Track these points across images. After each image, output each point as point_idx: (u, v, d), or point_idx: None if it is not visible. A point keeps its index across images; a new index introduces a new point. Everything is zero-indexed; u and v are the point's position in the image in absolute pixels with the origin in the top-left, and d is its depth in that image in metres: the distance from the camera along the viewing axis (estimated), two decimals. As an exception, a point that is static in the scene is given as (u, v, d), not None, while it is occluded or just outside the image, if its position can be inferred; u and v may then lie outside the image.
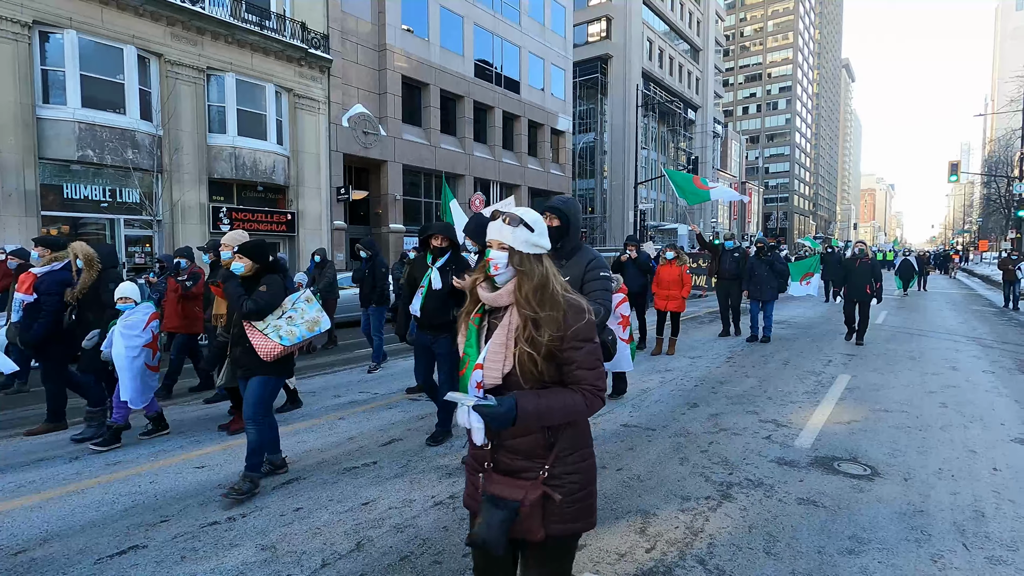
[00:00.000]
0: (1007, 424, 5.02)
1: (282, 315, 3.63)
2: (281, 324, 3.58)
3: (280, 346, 3.51)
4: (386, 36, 20.57)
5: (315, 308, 3.79)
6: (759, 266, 9.43)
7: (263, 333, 3.52)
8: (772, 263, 9.44)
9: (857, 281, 9.18)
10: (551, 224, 2.73)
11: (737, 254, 9.94)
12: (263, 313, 3.54)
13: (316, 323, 3.72)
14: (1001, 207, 48.05)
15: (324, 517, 3.28)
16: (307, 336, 3.67)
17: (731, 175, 61.65)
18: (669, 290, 8.46)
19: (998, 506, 3.40)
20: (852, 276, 9.30)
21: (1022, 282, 15.40)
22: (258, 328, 3.53)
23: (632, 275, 8.40)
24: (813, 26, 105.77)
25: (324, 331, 3.81)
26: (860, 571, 2.69)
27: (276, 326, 3.56)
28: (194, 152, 14.48)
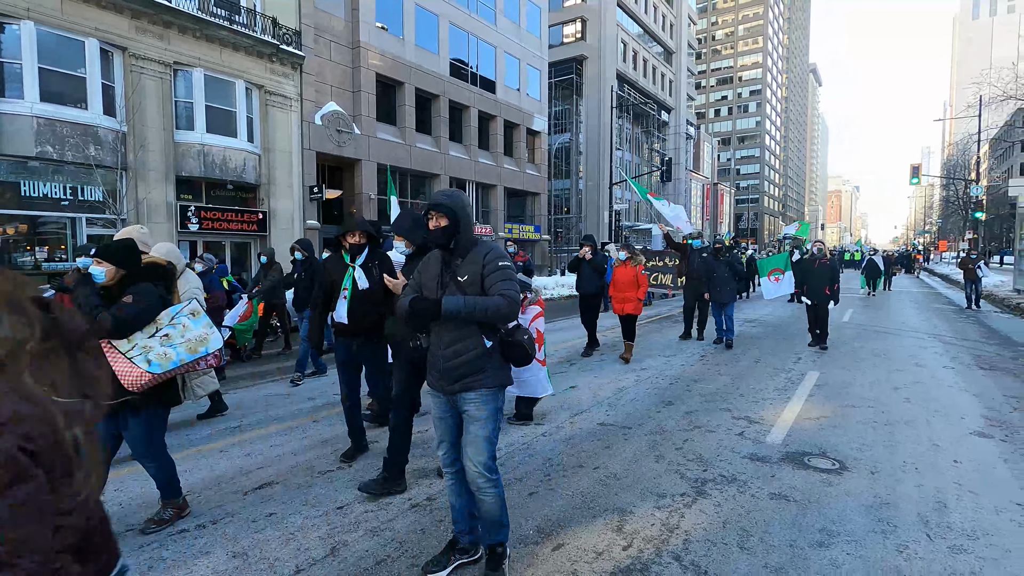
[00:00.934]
0: (967, 418, 5.21)
1: (155, 333, 2.95)
2: (152, 345, 2.89)
3: (148, 374, 2.81)
4: (360, 33, 20.33)
5: (202, 324, 3.14)
6: (718, 267, 9.19)
7: (127, 357, 2.82)
8: (732, 264, 9.22)
9: (815, 283, 8.75)
10: (438, 224, 2.53)
11: (705, 254, 9.74)
12: (125, 330, 2.85)
13: (202, 342, 3.06)
14: (959, 208, 49.92)
15: (298, 522, 3.21)
16: (188, 359, 3.00)
17: (703, 176, 62.72)
18: (625, 292, 7.92)
19: (959, 497, 3.52)
20: (810, 278, 8.86)
21: (983, 281, 15.51)
22: (120, 350, 2.83)
23: (587, 276, 8.30)
24: (782, 31, 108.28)
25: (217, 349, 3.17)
26: (830, 563, 2.76)
27: (145, 347, 2.87)
28: (161, 149, 14.08)
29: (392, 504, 3.42)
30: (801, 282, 9.09)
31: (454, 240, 2.56)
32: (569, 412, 5.41)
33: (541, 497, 3.51)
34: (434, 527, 3.12)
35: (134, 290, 2.92)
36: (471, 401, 2.52)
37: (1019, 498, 3.50)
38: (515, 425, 5.00)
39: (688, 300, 10.13)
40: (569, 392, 6.20)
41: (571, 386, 6.48)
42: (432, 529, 3.10)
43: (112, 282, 2.92)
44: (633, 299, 7.88)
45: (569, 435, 4.72)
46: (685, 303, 10.29)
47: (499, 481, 2.58)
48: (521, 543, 2.95)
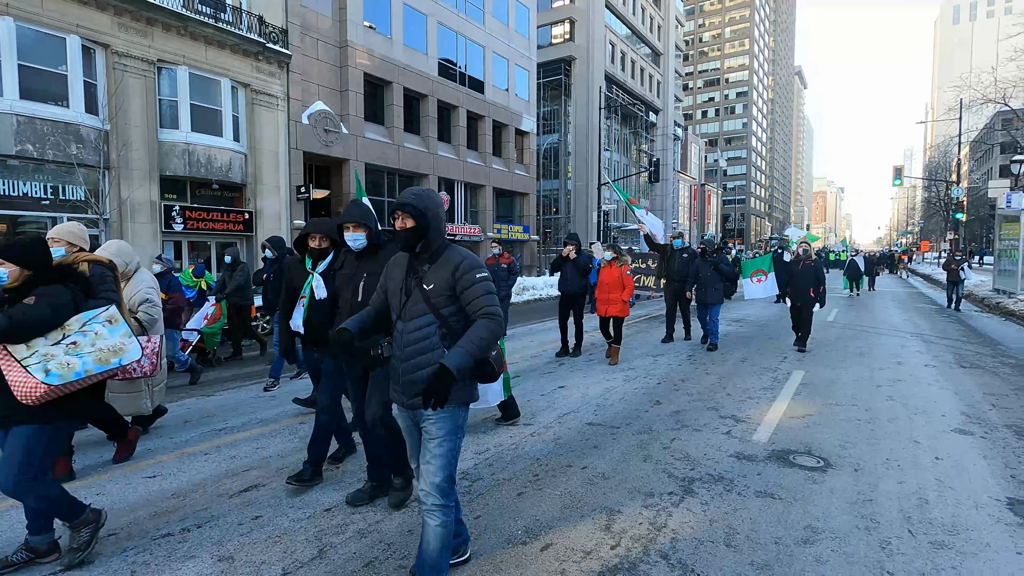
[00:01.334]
0: (947, 415, 5.31)
1: (61, 340, 2.63)
2: (55, 353, 2.58)
3: (44, 385, 2.49)
4: (347, 32, 20.22)
5: (119, 332, 2.81)
6: (703, 267, 8.98)
7: (22, 365, 2.52)
8: (717, 264, 8.98)
9: (800, 284, 8.62)
10: (404, 225, 2.33)
11: (686, 255, 9.55)
12: (19, 335, 2.52)
13: (117, 352, 2.77)
14: (941, 209, 50.84)
15: (284, 524, 3.19)
16: (97, 371, 2.68)
17: (691, 177, 63.18)
18: (610, 293, 7.75)
19: (940, 493, 3.58)
20: (794, 279, 8.74)
21: (965, 283, 15.48)
22: (17, 357, 2.53)
23: (570, 276, 8.14)
24: (768, 34, 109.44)
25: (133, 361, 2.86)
26: (815, 560, 2.79)
27: (47, 355, 2.56)
28: (144, 148, 13.89)
29: (380, 506, 3.40)
30: (786, 284, 8.87)
31: (421, 243, 2.37)
32: (558, 412, 5.42)
33: (529, 497, 3.52)
34: (421, 528, 3.10)
35: (40, 291, 2.60)
36: (429, 418, 2.35)
37: (997, 494, 3.57)
38: (504, 426, 5.01)
39: (668, 302, 9.95)
40: (558, 392, 6.22)
41: (560, 386, 6.49)
42: (420, 530, 3.08)
43: (16, 283, 2.58)
44: (618, 301, 7.69)
45: (557, 435, 4.73)
46: (666, 305, 10.12)
47: (451, 509, 2.38)
48: (509, 544, 2.95)
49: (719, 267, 8.88)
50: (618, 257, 7.88)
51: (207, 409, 5.71)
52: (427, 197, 2.40)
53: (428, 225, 2.35)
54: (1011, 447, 4.42)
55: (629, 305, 8.10)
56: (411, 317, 2.37)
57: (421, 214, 2.33)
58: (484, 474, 3.89)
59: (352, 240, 3.23)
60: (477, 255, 10.10)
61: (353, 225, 3.23)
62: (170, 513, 3.34)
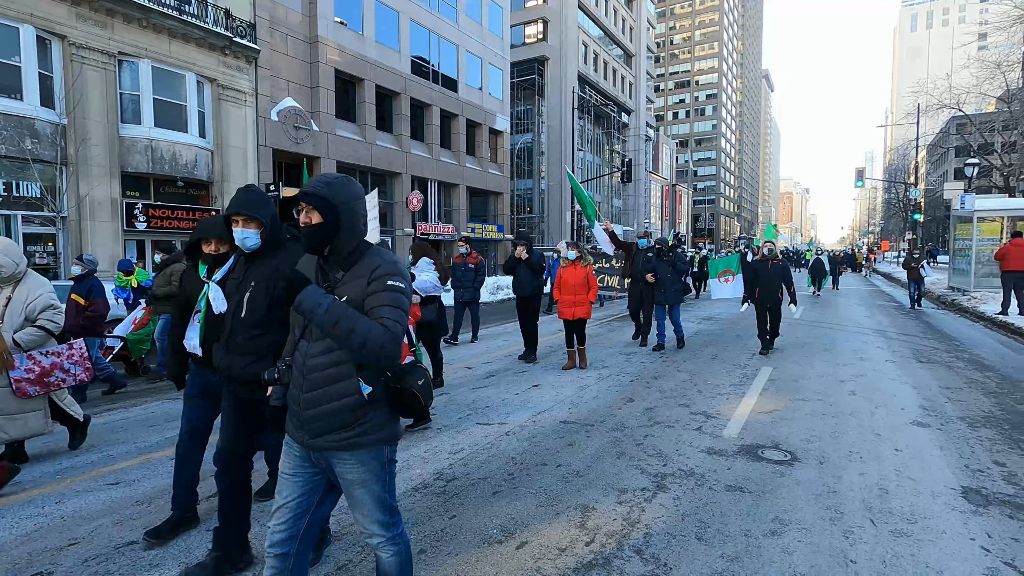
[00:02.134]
0: (907, 409, 5.51)
1: None
2: None
3: None
4: (318, 28, 19.90)
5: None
6: (661, 267, 8.63)
7: None
8: (674, 263, 8.65)
9: (768, 285, 8.29)
10: (308, 221, 1.87)
11: (651, 254, 9.19)
12: None
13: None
14: (900, 210, 52.81)
15: (255, 529, 3.11)
16: None
17: (662, 177, 64.12)
18: (575, 295, 7.23)
19: (899, 483, 3.72)
20: (762, 280, 8.40)
21: (925, 280, 15.59)
22: None
23: (523, 278, 7.83)
24: (736, 37, 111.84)
25: None
26: (782, 551, 2.87)
27: None
28: (104, 143, 13.43)
29: (353, 508, 3.36)
30: (753, 284, 8.59)
31: (329, 245, 1.90)
32: (532, 411, 5.44)
33: (505, 496, 3.52)
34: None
35: None
36: (344, 463, 1.92)
37: (953, 483, 3.72)
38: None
39: (632, 302, 9.75)
40: (532, 391, 6.24)
41: (534, 385, 6.52)
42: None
43: None
44: (584, 302, 7.27)
45: (532, 433, 4.75)
46: (629, 305, 9.91)
47: (401, 535, 2.04)
48: (485, 543, 2.95)
49: (676, 266, 8.65)
50: (582, 256, 7.47)
51: (173, 413, 5.55)
52: (341, 187, 1.93)
53: (339, 223, 1.89)
54: (965, 438, 4.62)
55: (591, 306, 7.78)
56: (319, 337, 1.87)
57: (330, 208, 1.87)
58: (459, 473, 3.88)
59: (240, 238, 2.49)
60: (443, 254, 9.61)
61: (242, 219, 2.48)
62: (134, 520, 3.24)
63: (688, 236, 77.03)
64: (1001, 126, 27.70)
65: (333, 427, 1.87)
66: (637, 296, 9.52)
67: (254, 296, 2.51)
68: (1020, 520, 3.20)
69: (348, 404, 1.87)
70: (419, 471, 3.93)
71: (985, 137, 29.83)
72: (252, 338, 2.50)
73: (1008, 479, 3.78)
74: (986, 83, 23.99)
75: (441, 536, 3.02)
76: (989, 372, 7.17)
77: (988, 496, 3.52)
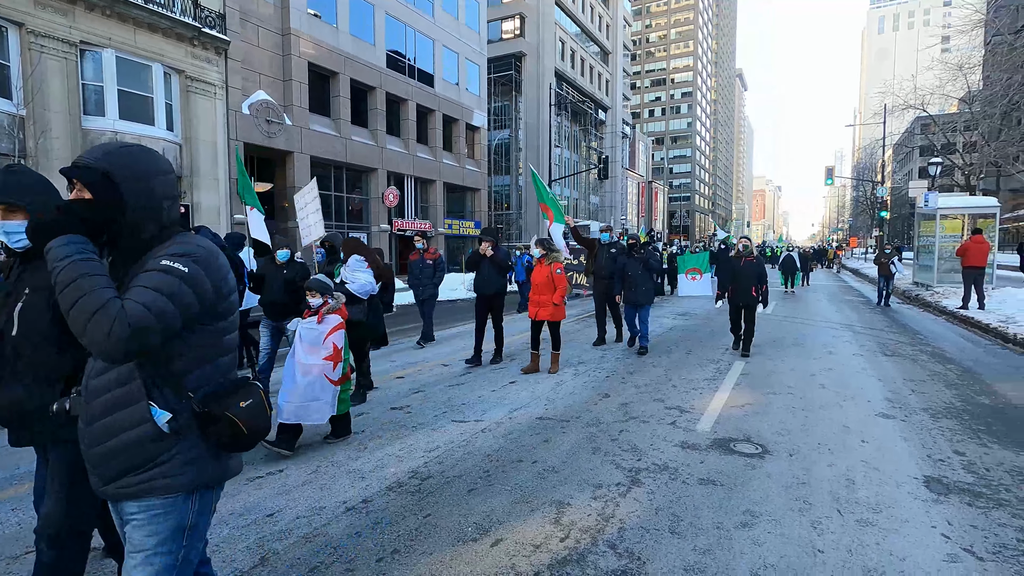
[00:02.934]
0: (872, 401, 5.66)
1: None
2: None
3: None
4: (290, 20, 19.51)
5: None
6: (632, 265, 8.15)
7: None
8: (647, 261, 8.16)
9: (743, 283, 7.95)
10: (80, 197, 1.44)
11: (614, 250, 8.78)
12: None
13: None
14: (868, 208, 54.28)
15: (223, 533, 3.05)
16: None
17: (639, 175, 64.69)
18: (540, 295, 6.92)
19: (866, 474, 3.82)
20: (736, 277, 8.08)
21: (896, 277, 15.07)
22: None
23: (487, 275, 7.40)
24: (711, 36, 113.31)
25: None
26: (753, 542, 2.92)
27: None
28: (66, 136, 12.96)
29: (326, 509, 3.31)
30: (726, 282, 8.28)
31: (111, 230, 1.46)
32: (508, 408, 5.44)
33: (480, 493, 3.51)
34: (370, 530, 3.05)
35: None
36: (132, 516, 1.48)
37: (915, 472, 3.84)
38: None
39: (597, 301, 9.20)
40: (508, 388, 6.23)
41: (510, 381, 6.52)
42: (368, 532, 3.03)
43: None
44: (549, 304, 6.86)
45: (508, 430, 4.74)
46: (595, 304, 9.35)
47: None
48: (460, 541, 2.94)
49: (649, 264, 8.17)
50: (548, 254, 6.99)
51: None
52: (126, 156, 1.48)
53: (121, 202, 1.44)
54: (927, 429, 4.77)
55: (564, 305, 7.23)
56: None
57: (107, 182, 1.43)
58: (434, 472, 3.85)
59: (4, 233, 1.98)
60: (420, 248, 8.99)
61: (2, 208, 1.97)
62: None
63: (664, 233, 77.99)
64: (963, 127, 28.64)
65: (123, 469, 1.44)
66: (601, 294, 9.01)
67: (28, 307, 1.95)
68: (978, 507, 3.31)
69: (138, 437, 1.43)
70: (393, 470, 3.89)
71: (948, 137, 30.80)
72: (33, 363, 1.95)
73: (967, 468, 3.91)
74: (949, 85, 24.73)
75: (415, 535, 2.99)
76: (950, 365, 7.42)
77: (949, 485, 3.64)
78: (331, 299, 4.44)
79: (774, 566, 2.70)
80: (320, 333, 4.23)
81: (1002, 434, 4.64)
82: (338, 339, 4.31)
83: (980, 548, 2.87)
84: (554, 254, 7.10)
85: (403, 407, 5.48)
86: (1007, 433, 4.67)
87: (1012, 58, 19.32)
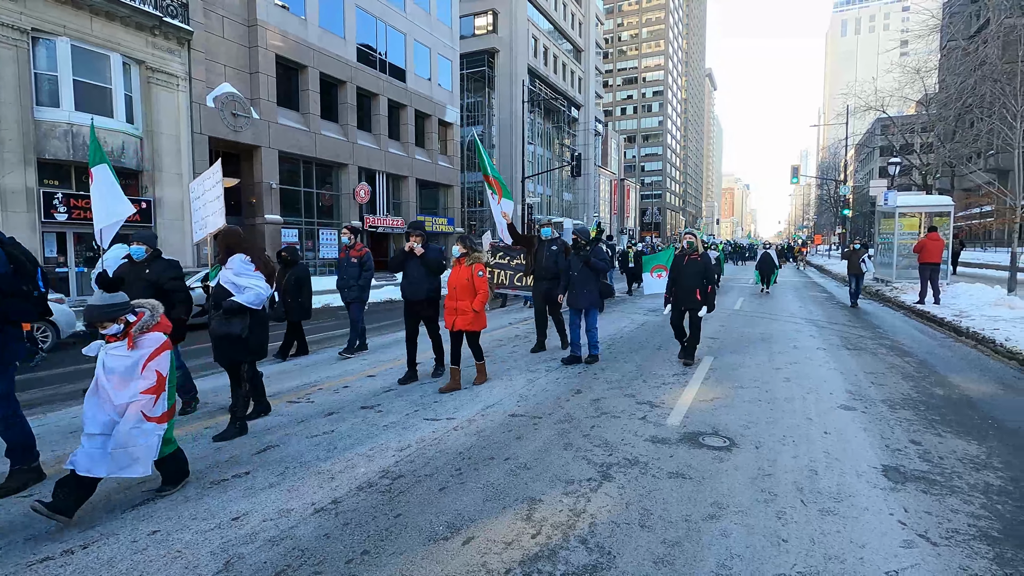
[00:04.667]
0: (834, 393, 5.84)
1: None
2: None
3: None
4: (257, 10, 19.03)
5: None
6: (574, 263, 7.14)
7: None
8: (588, 259, 7.02)
9: (685, 283, 6.97)
10: None
11: (555, 247, 7.70)
12: None
13: None
14: (831, 206, 55.93)
15: (186, 538, 2.96)
16: None
17: (611, 172, 65.27)
18: (458, 300, 5.91)
19: (828, 464, 3.93)
20: (680, 278, 7.06)
21: (866, 276, 14.21)
22: None
23: (416, 279, 6.19)
24: (681, 36, 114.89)
25: None
26: (720, 533, 2.97)
27: None
28: (17, 127, 12.39)
29: (294, 511, 3.25)
30: (670, 283, 7.26)
31: None
32: (481, 405, 5.42)
33: (451, 492, 3.49)
34: (339, 531, 3.00)
35: None
36: None
37: (875, 462, 3.97)
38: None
39: (537, 304, 8.11)
40: (481, 384, 6.22)
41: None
42: (337, 533, 2.98)
43: None
44: (468, 310, 5.89)
45: (480, 428, 4.73)
46: (535, 309, 8.20)
47: None
48: (431, 540, 2.92)
49: (590, 262, 7.01)
50: (468, 253, 6.01)
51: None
52: None
53: None
54: (886, 420, 4.94)
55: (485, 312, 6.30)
56: None
57: None
58: (405, 471, 3.82)
59: None
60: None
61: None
62: (50, 535, 3.01)
63: (636, 230, 78.90)
64: (920, 128, 29.73)
65: None
66: (542, 297, 7.91)
67: None
68: (933, 495, 3.45)
69: None
70: (363, 470, 3.84)
71: (906, 138, 31.94)
72: None
73: (923, 457, 4.07)
74: (907, 87, 25.65)
75: (386, 535, 2.96)
76: (908, 357, 7.70)
77: (905, 473, 3.77)
78: (147, 314, 3.37)
79: (740, 556, 2.76)
80: (135, 361, 3.22)
81: (955, 423, 4.84)
82: (162, 364, 3.31)
83: (934, 534, 2.98)
84: (475, 254, 6.09)
85: (371, 406, 5.41)
86: (960, 422, 4.87)
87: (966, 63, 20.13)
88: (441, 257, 6.35)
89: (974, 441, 4.41)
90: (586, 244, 7.16)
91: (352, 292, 7.95)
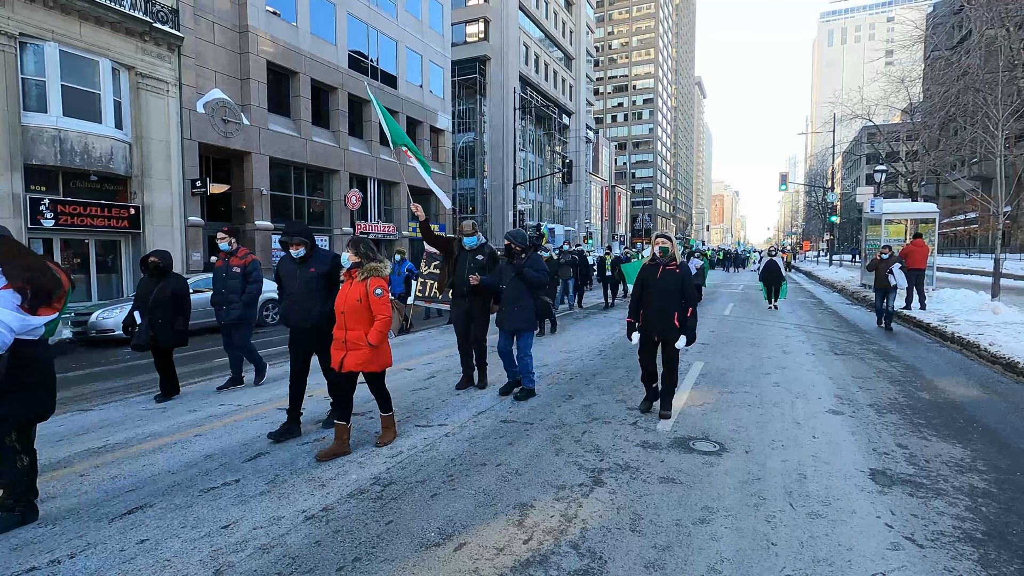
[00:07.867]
0: (823, 398, 5.90)
1: None
2: None
3: None
4: (248, 16, 19.01)
5: None
6: (505, 275, 5.81)
7: None
8: (521, 270, 5.64)
9: (657, 303, 5.04)
10: None
11: (481, 257, 6.13)
12: None
13: None
14: (819, 213, 56.56)
15: (175, 547, 2.94)
16: None
17: (602, 179, 65.60)
18: (350, 329, 4.14)
19: (816, 468, 3.97)
20: (651, 296, 5.09)
21: (897, 291, 10.93)
22: None
23: (299, 296, 4.67)
24: (671, 44, 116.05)
25: None
26: (710, 537, 2.99)
27: None
28: (3, 132, 12.28)
29: (284, 519, 3.23)
30: (635, 303, 5.25)
31: None
32: (472, 411, 5.42)
33: (443, 498, 3.49)
34: (330, 539, 2.99)
35: None
36: None
37: (862, 466, 4.01)
38: (418, 426, 4.70)
39: (458, 328, 6.28)
40: (472, 389, 6.22)
41: (473, 383, 6.49)
42: (328, 541, 2.97)
43: None
44: (361, 342, 4.12)
45: (472, 434, 4.73)
46: (456, 332, 6.34)
47: None
48: (423, 547, 2.91)
49: (524, 274, 5.64)
50: (362, 263, 4.23)
51: (86, 425, 5.14)
52: None
53: None
54: (873, 424, 5.00)
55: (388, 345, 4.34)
56: None
57: None
58: (397, 477, 3.81)
59: None
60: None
61: None
62: (36, 544, 2.97)
63: (627, 236, 79.26)
64: (905, 136, 30.18)
65: None
66: (462, 317, 6.22)
67: None
68: (919, 497, 3.49)
69: None
70: (355, 476, 3.83)
71: (892, 146, 32.41)
72: None
73: (909, 460, 4.12)
74: (892, 96, 26.06)
75: (377, 542, 2.95)
76: (895, 362, 7.80)
77: (892, 476, 3.82)
78: None
79: (730, 560, 2.78)
80: None
81: (941, 427, 4.90)
82: None
83: (920, 536, 3.02)
84: (372, 265, 4.24)
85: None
86: (945, 426, 4.94)
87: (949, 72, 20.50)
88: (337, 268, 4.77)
89: (959, 444, 4.47)
90: (521, 251, 5.73)
91: (234, 310, 6.24)
